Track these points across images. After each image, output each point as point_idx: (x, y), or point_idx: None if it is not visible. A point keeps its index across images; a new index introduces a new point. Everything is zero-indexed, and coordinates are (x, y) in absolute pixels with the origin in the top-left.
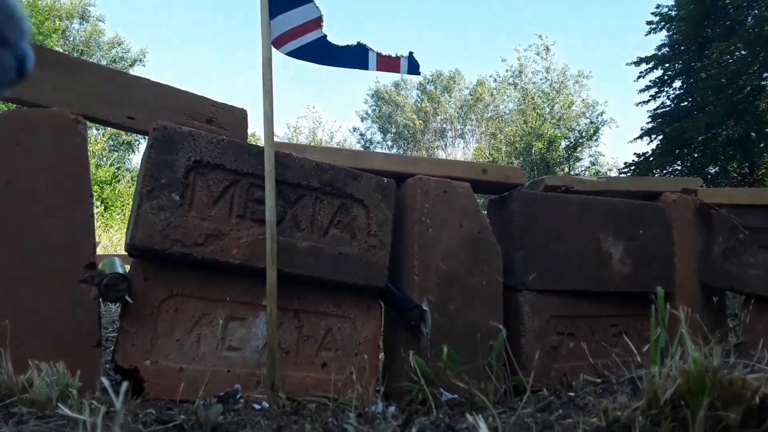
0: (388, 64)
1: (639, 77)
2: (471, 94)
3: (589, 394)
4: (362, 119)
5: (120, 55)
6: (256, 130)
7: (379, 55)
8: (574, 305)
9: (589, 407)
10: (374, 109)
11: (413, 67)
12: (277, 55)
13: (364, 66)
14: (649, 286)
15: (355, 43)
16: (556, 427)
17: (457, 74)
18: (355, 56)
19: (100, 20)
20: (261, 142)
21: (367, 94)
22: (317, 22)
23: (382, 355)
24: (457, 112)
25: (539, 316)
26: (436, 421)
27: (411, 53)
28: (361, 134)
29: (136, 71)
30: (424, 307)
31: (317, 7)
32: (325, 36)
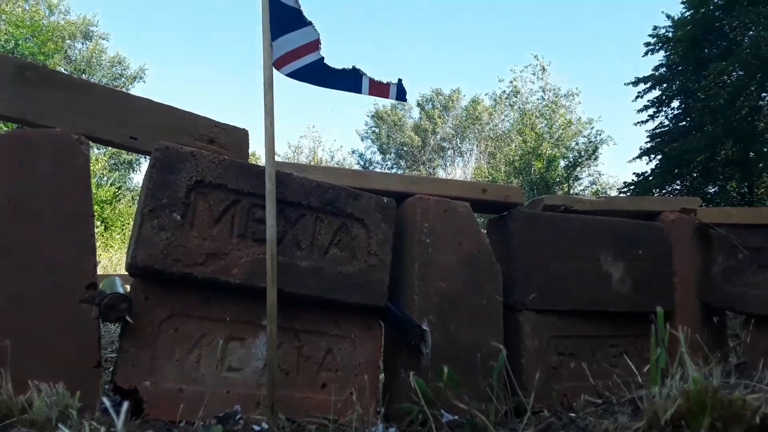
0: (378, 89)
1: (637, 97)
2: (467, 112)
3: (590, 415)
4: (362, 139)
5: (120, 72)
6: (256, 149)
7: (371, 80)
8: (575, 325)
9: (590, 428)
10: (374, 131)
11: (401, 93)
12: (277, 75)
13: (357, 90)
14: (649, 306)
15: (350, 67)
16: None
17: (457, 93)
18: (349, 80)
19: (103, 39)
20: (262, 162)
21: (368, 116)
22: (315, 44)
23: (382, 376)
24: (454, 131)
25: (539, 336)
26: None
27: (400, 80)
28: (361, 155)
29: (137, 88)
30: (425, 327)
31: (315, 30)
32: (323, 58)
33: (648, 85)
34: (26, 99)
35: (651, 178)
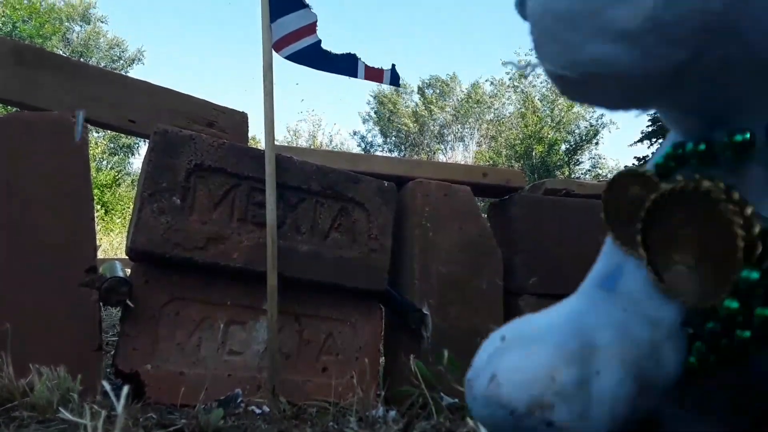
0: (373, 74)
1: None
2: (467, 97)
3: None
4: (364, 121)
5: (118, 54)
6: (255, 133)
7: (366, 65)
8: None
9: None
10: (376, 111)
11: (394, 79)
12: (277, 58)
13: (353, 74)
14: None
15: (347, 52)
16: None
17: (454, 78)
18: (345, 64)
19: (102, 21)
20: (261, 146)
21: (370, 95)
22: (313, 27)
23: (382, 359)
24: (453, 116)
25: None
26: (436, 425)
27: (393, 66)
28: (362, 137)
29: (135, 71)
30: (425, 311)
31: (313, 12)
32: (320, 41)
33: None
34: (23, 81)
35: None
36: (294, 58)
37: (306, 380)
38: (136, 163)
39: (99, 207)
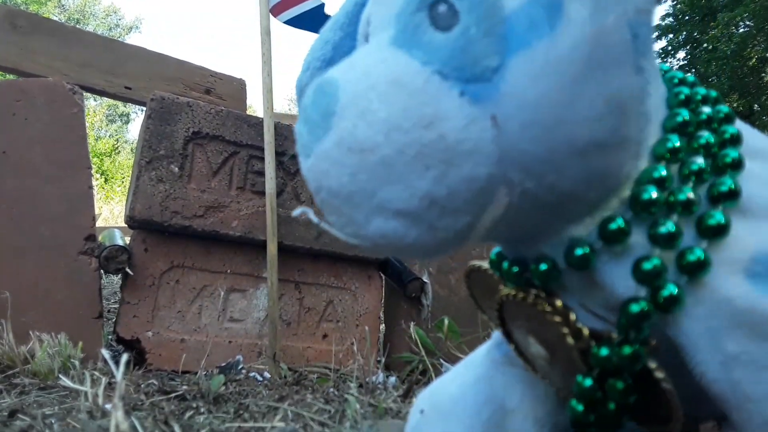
0: None
1: None
2: None
3: None
4: None
5: (115, 22)
6: (253, 102)
7: None
8: None
9: None
10: None
11: None
12: (275, 23)
13: None
14: None
15: None
16: None
17: None
18: None
19: None
20: (260, 114)
21: None
22: None
23: (382, 327)
24: None
25: None
26: None
27: None
28: None
29: (132, 38)
30: (425, 279)
31: None
32: (323, 5)
33: (654, 35)
34: (18, 48)
35: None
36: (294, 22)
37: (306, 347)
38: (133, 130)
39: (98, 175)
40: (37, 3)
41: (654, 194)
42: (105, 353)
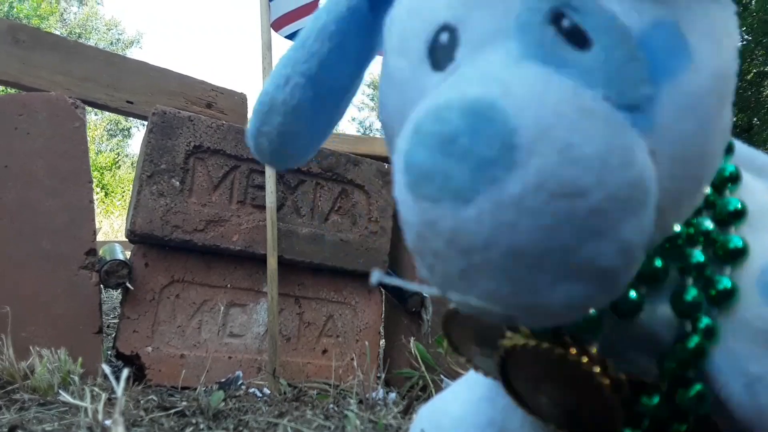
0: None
1: None
2: None
3: None
4: (359, 109)
5: (116, 36)
6: None
7: None
8: None
9: None
10: (372, 98)
11: None
12: (276, 38)
13: None
14: None
15: None
16: None
17: None
18: None
19: (98, 2)
20: None
21: (365, 84)
22: (314, 5)
23: (382, 342)
24: None
25: None
26: None
27: None
28: (360, 122)
29: (133, 53)
30: (425, 294)
31: None
32: None
33: None
34: (19, 62)
35: None
36: (294, 38)
37: (306, 362)
38: (134, 145)
39: (99, 189)
40: (38, 17)
41: (677, 226)
42: (106, 368)
